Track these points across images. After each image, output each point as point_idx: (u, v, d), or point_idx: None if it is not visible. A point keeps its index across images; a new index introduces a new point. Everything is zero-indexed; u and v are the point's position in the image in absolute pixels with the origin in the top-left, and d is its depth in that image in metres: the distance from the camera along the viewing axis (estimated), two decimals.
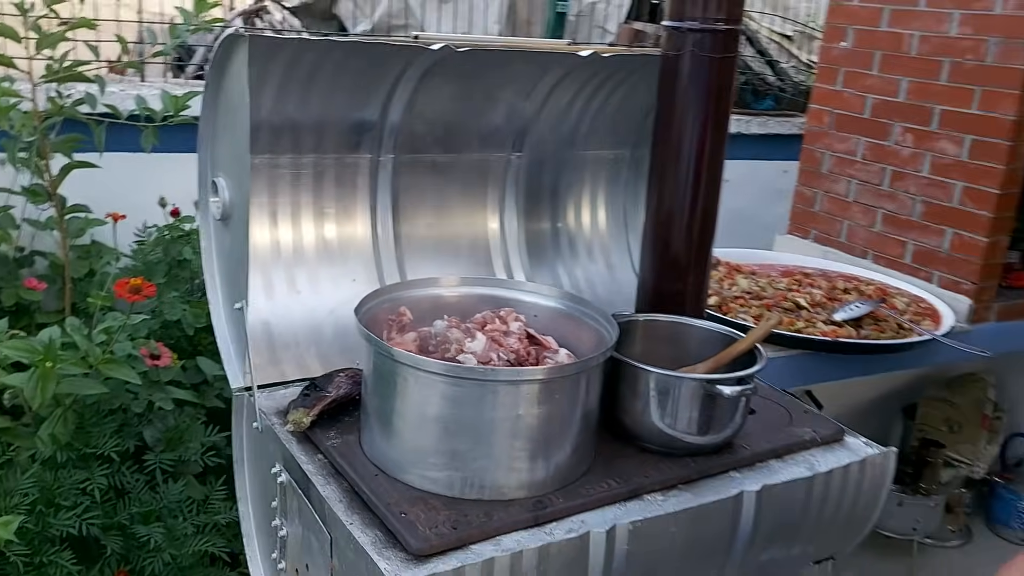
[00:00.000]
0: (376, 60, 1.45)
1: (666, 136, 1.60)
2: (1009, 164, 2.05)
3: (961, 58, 2.10)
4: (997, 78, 2.03)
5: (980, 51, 2.06)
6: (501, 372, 1.20)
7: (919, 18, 2.18)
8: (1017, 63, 1.99)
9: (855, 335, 1.93)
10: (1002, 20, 2.01)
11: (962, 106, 2.11)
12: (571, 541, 1.17)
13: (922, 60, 2.18)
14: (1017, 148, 2.04)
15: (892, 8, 2.23)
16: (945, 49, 2.13)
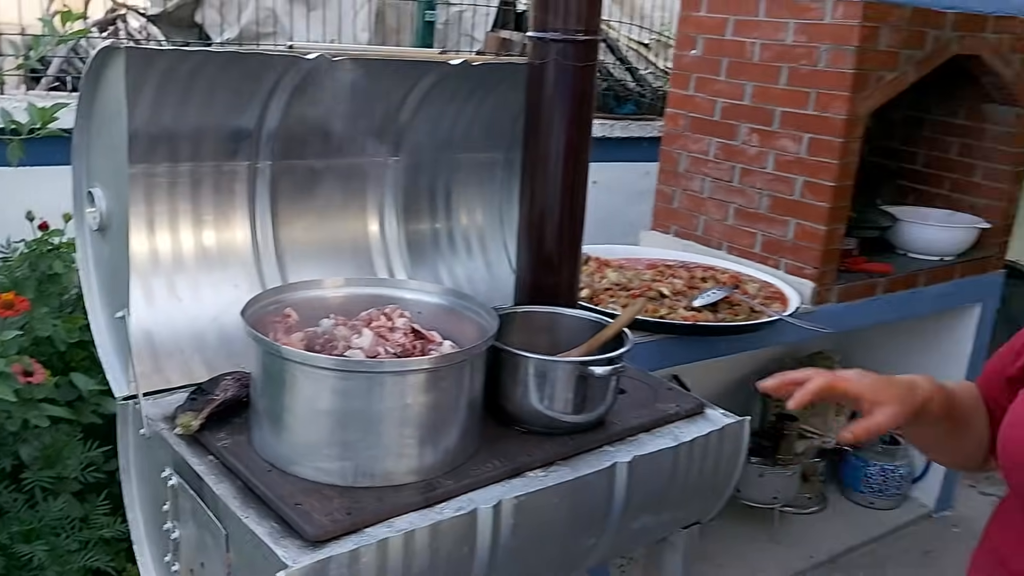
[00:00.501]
0: (251, 70, 1.49)
1: (535, 140, 1.71)
2: (842, 159, 2.27)
3: (797, 64, 2.31)
4: (828, 81, 2.25)
5: (813, 57, 2.28)
6: (387, 364, 1.27)
7: (759, 27, 2.38)
8: (845, 67, 2.21)
9: (712, 319, 2.10)
10: (831, 28, 2.23)
11: (799, 107, 2.32)
12: (460, 518, 1.25)
13: (763, 66, 2.39)
14: (848, 145, 2.27)
15: (736, 18, 2.43)
16: (783, 56, 2.34)
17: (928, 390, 1.11)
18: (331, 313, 1.43)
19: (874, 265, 2.57)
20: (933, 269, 2.68)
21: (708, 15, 2.49)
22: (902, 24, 2.24)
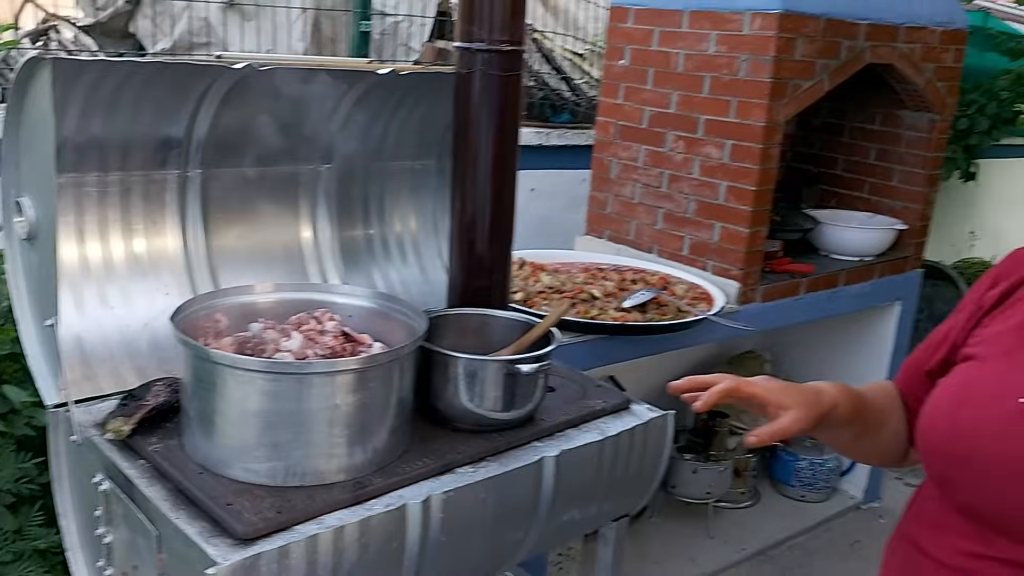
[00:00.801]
0: (179, 79, 1.51)
1: (464, 147, 1.76)
2: (762, 165, 2.36)
3: (718, 73, 2.40)
4: (748, 90, 2.35)
5: (733, 67, 2.37)
6: (316, 365, 1.30)
7: (683, 38, 2.47)
8: (763, 77, 2.31)
9: (641, 319, 2.18)
10: (749, 39, 2.33)
11: (722, 115, 2.41)
12: (389, 513, 1.28)
13: (687, 76, 2.48)
14: (767, 150, 2.37)
15: (660, 30, 2.52)
16: (705, 66, 2.43)
17: (834, 396, 1.16)
18: (261, 318, 1.46)
19: (797, 266, 2.68)
20: (853, 269, 2.80)
21: (635, 26, 2.58)
22: (817, 35, 2.35)
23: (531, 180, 3.77)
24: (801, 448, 3.19)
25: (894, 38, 2.56)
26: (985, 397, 1.03)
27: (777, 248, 2.73)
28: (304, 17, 3.37)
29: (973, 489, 1.01)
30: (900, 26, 2.57)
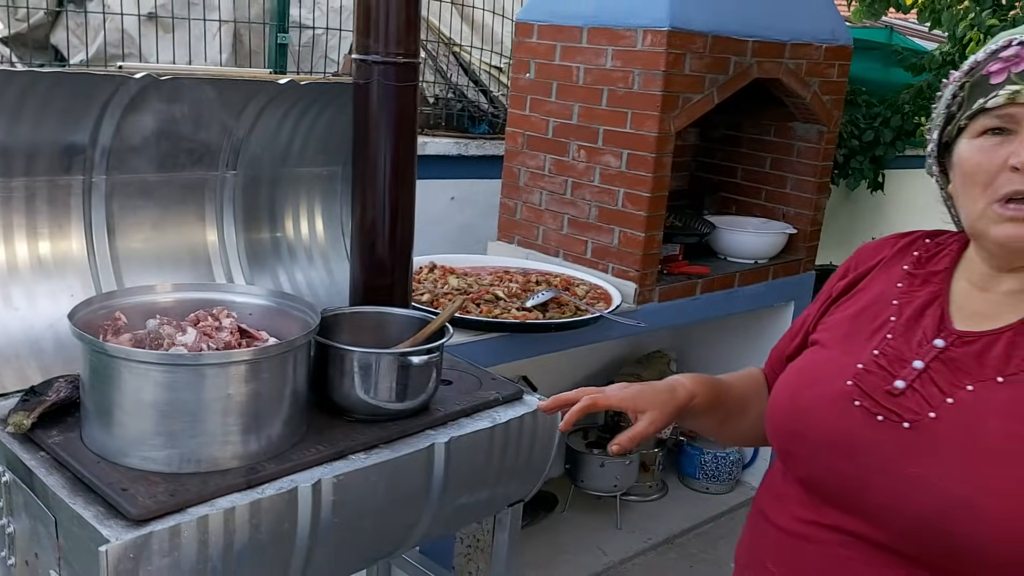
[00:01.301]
0: (82, 89, 1.57)
1: (363, 154, 1.85)
2: (656, 172, 2.51)
3: (615, 86, 2.55)
4: (641, 103, 2.49)
5: (628, 80, 2.52)
6: (208, 356, 1.38)
7: (582, 53, 2.61)
8: (655, 90, 2.46)
9: (541, 317, 2.30)
10: (642, 55, 2.48)
11: (619, 126, 2.55)
12: (280, 496, 1.37)
13: (587, 89, 2.62)
14: (660, 159, 2.52)
15: (562, 45, 2.65)
16: (603, 79, 2.57)
17: (690, 390, 1.26)
18: (159, 315, 1.53)
19: (693, 268, 2.84)
20: (748, 271, 2.98)
21: (539, 41, 2.71)
22: (704, 51, 2.51)
23: (451, 189, 3.89)
24: (705, 443, 3.35)
25: (780, 54, 2.74)
26: (820, 379, 1.14)
27: (677, 252, 2.88)
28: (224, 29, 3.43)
29: (807, 462, 1.12)
30: (786, 43, 2.75)
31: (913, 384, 1.05)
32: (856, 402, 1.07)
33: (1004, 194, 1.00)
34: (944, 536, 0.99)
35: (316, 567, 1.47)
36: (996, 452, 0.98)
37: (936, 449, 1.01)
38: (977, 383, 1.02)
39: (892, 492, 1.02)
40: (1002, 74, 1.01)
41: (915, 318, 1.11)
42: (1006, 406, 0.99)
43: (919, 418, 1.03)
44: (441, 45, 3.85)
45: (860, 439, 1.06)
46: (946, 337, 1.07)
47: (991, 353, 1.03)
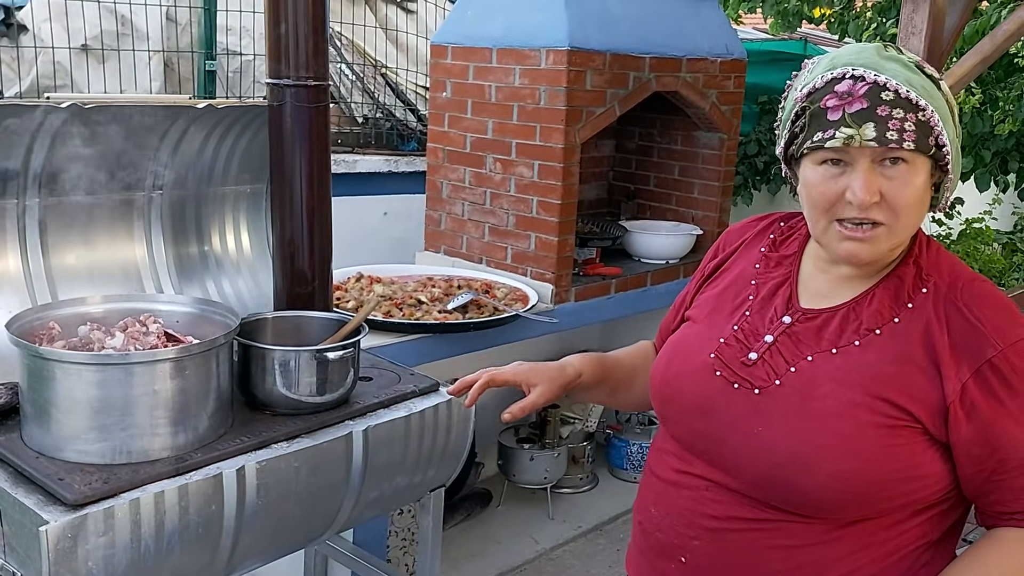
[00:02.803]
0: (12, 119, 1.70)
1: (280, 172, 2.00)
2: (565, 181, 2.71)
3: (524, 102, 2.74)
4: (548, 117, 2.69)
5: (535, 97, 2.71)
6: (136, 355, 1.51)
7: (493, 72, 2.80)
8: (559, 105, 2.66)
9: (461, 318, 2.46)
10: (546, 73, 2.67)
11: (529, 139, 2.74)
12: (207, 480, 1.51)
13: (499, 105, 2.80)
14: (568, 168, 2.71)
15: (475, 65, 2.84)
16: (513, 96, 2.76)
17: (577, 367, 1.45)
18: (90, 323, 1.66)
19: (606, 269, 3.03)
20: (659, 270, 3.18)
21: (453, 62, 2.89)
22: (604, 68, 2.72)
23: (384, 204, 4.04)
24: (632, 435, 3.53)
25: (677, 69, 2.96)
26: (689, 352, 1.31)
27: (594, 255, 3.07)
28: (155, 59, 3.55)
29: (678, 422, 1.30)
30: (682, 58, 2.97)
31: (764, 356, 1.21)
32: (717, 372, 1.24)
33: (841, 218, 1.13)
34: (782, 484, 1.15)
35: (245, 548, 1.60)
36: (823, 412, 1.14)
37: (778, 411, 1.17)
38: (815, 354, 1.18)
39: (743, 448, 1.19)
40: (837, 111, 1.10)
41: (768, 297, 1.27)
42: (836, 372, 1.15)
43: (767, 385, 1.19)
44: (369, 67, 4.01)
45: (719, 403, 1.22)
46: (793, 314, 1.23)
47: (828, 328, 1.19)
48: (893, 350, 1.14)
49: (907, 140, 1.09)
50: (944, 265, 1.19)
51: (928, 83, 1.12)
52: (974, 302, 1.14)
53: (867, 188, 1.10)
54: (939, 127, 1.11)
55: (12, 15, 3.56)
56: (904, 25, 2.39)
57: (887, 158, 1.10)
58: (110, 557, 1.40)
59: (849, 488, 1.12)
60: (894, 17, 5.64)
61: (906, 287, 1.17)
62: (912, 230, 1.17)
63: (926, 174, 1.13)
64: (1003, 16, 4.45)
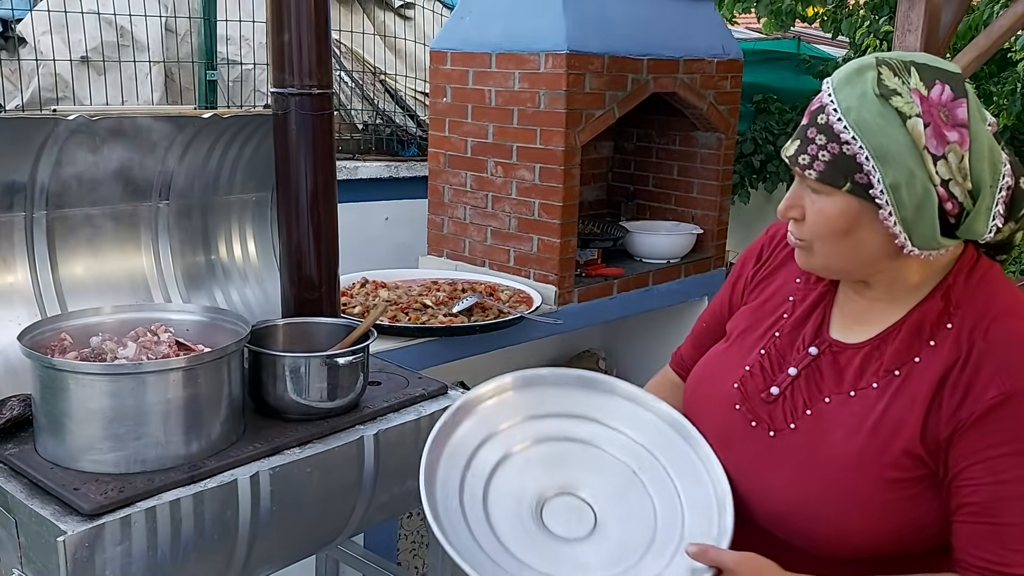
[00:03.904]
0: (18, 132, 1.71)
1: (286, 180, 2.01)
2: (566, 183, 2.72)
3: (524, 106, 2.76)
4: (548, 120, 2.70)
5: (535, 100, 2.73)
6: (149, 365, 1.53)
7: (493, 77, 2.81)
8: (559, 108, 2.68)
9: (466, 322, 2.48)
10: (545, 76, 2.69)
11: (530, 143, 2.76)
12: (222, 487, 1.52)
13: (499, 109, 2.82)
14: (569, 171, 2.73)
15: (474, 71, 2.86)
16: (513, 100, 2.78)
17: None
18: (102, 333, 1.68)
19: (608, 270, 3.05)
20: (661, 270, 3.20)
21: (452, 68, 2.91)
22: (602, 70, 2.74)
23: (385, 210, 4.06)
24: None
25: (675, 70, 2.98)
26: (716, 376, 1.29)
27: (595, 256, 3.09)
28: (155, 69, 3.57)
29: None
30: (679, 59, 2.99)
31: (785, 392, 1.18)
32: (737, 406, 1.23)
33: None
34: (790, 530, 1.16)
35: (259, 553, 1.62)
36: (830, 463, 1.11)
37: (790, 458, 1.16)
38: (834, 395, 1.14)
39: (754, 490, 1.19)
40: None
41: (802, 319, 1.23)
42: (850, 419, 1.11)
43: (782, 428, 1.17)
44: (368, 74, 4.03)
45: (736, 439, 1.22)
46: (820, 344, 1.19)
47: (851, 367, 1.14)
48: (909, 393, 1.08)
49: (814, 169, 1.05)
50: (980, 296, 1.09)
51: (886, 121, 1.01)
52: (1002, 339, 1.05)
53: (786, 200, 1.11)
54: (868, 164, 1.02)
55: (10, 28, 3.58)
56: (900, 22, 2.41)
57: (809, 184, 1.08)
58: (127, 566, 1.41)
59: (852, 542, 1.11)
60: (887, 15, 5.67)
61: (929, 323, 1.09)
62: (846, 262, 1.11)
63: (852, 215, 1.05)
64: (995, 12, 4.48)
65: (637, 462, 1.29)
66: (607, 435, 1.34)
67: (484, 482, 1.33)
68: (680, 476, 1.25)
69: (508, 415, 1.42)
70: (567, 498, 1.27)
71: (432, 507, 1.27)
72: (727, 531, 1.14)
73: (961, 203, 1.04)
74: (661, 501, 1.24)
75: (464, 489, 1.33)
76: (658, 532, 1.20)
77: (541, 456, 1.33)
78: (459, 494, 1.32)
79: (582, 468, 1.30)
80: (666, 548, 1.18)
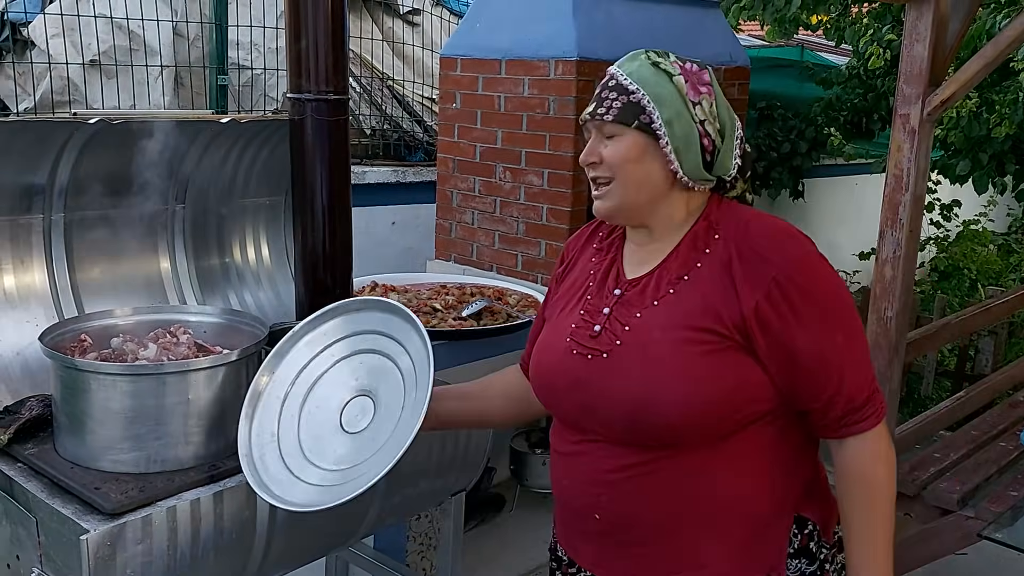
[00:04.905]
0: (39, 135, 1.74)
1: (301, 184, 2.03)
2: (574, 188, 2.74)
3: (533, 112, 2.78)
4: (557, 126, 2.73)
5: (545, 107, 2.75)
6: (170, 366, 1.55)
7: (502, 83, 2.84)
8: (568, 114, 2.70)
9: (475, 326, 2.49)
10: (555, 83, 2.72)
11: (539, 148, 2.78)
12: (241, 487, 1.53)
13: (509, 115, 2.85)
14: (578, 176, 2.75)
15: (483, 76, 2.88)
16: (522, 106, 2.80)
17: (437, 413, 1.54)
18: (122, 334, 1.69)
19: None
20: None
21: (462, 74, 2.93)
22: None
23: (392, 214, 4.09)
24: None
25: None
26: (550, 343, 1.48)
27: None
28: (166, 73, 3.59)
29: (558, 405, 1.46)
30: None
31: (605, 326, 1.40)
32: (574, 352, 1.41)
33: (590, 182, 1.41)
34: (644, 424, 1.32)
35: (276, 553, 1.63)
36: (658, 355, 1.33)
37: (625, 365, 1.35)
38: (642, 310, 1.38)
39: (608, 404, 1.36)
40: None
41: (603, 279, 1.46)
42: (661, 319, 1.35)
43: (611, 348, 1.37)
44: (376, 80, 4.06)
45: (582, 375, 1.39)
46: (622, 286, 1.43)
47: (649, 287, 1.39)
48: (700, 288, 1.34)
49: (609, 114, 1.35)
50: (731, 213, 1.39)
51: (659, 77, 1.35)
52: (757, 233, 1.35)
53: (587, 151, 1.39)
54: (649, 106, 1.33)
55: (20, 31, 3.60)
56: (908, 32, 2.44)
57: (604, 133, 1.37)
58: (148, 565, 1.43)
59: (695, 411, 1.30)
60: (890, 23, 5.69)
61: (701, 238, 1.38)
62: (640, 190, 1.37)
63: (640, 146, 1.35)
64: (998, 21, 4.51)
65: None
66: None
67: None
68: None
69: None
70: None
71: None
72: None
73: (714, 141, 1.36)
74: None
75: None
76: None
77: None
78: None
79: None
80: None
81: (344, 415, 1.56)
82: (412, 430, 1.44)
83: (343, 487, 1.45)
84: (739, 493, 1.36)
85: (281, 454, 1.53)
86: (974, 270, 7.52)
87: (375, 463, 1.45)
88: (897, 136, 2.49)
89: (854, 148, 5.79)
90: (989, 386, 3.65)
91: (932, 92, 2.44)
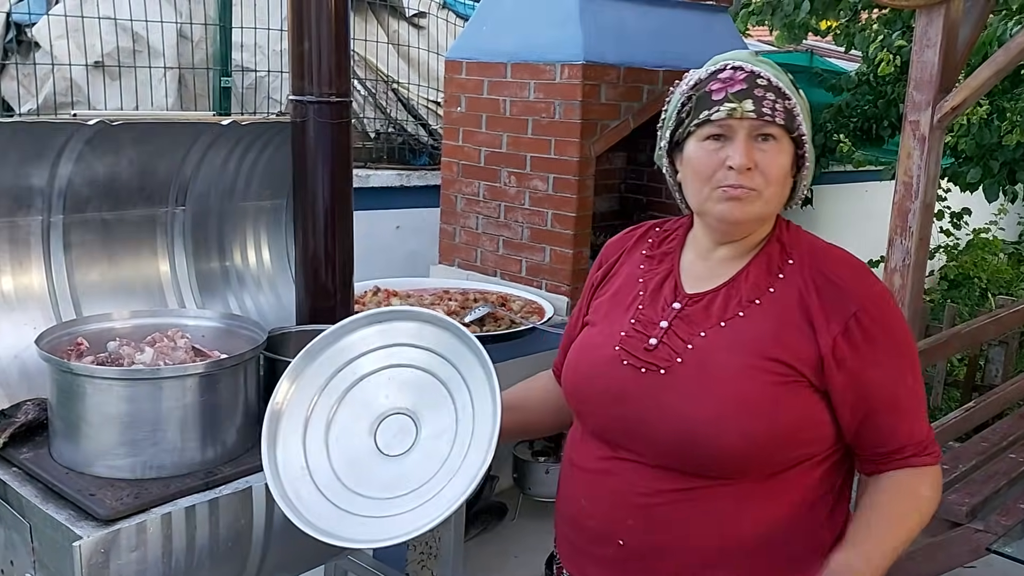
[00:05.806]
0: (39, 136, 1.72)
1: (303, 187, 2.01)
2: (579, 194, 2.72)
3: (538, 116, 2.76)
4: (563, 130, 2.70)
5: (550, 111, 2.73)
6: (166, 370, 1.52)
7: (508, 87, 2.82)
8: (574, 119, 2.68)
9: (478, 331, 2.47)
10: (561, 87, 2.69)
11: (544, 153, 2.76)
12: (237, 495, 1.52)
13: (514, 119, 2.82)
14: (583, 181, 2.73)
15: (489, 80, 2.86)
16: (528, 110, 2.78)
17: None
18: (118, 338, 1.67)
19: None
20: None
21: (467, 77, 2.91)
22: (618, 81, 2.74)
23: (396, 218, 4.06)
24: None
25: None
26: (594, 349, 1.40)
27: None
28: (169, 75, 3.58)
29: (594, 415, 1.37)
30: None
31: (662, 340, 1.32)
32: (624, 361, 1.33)
33: (722, 184, 1.28)
34: (697, 449, 1.25)
35: (272, 562, 1.61)
36: (723, 378, 1.26)
37: (685, 384, 1.28)
38: (707, 329, 1.30)
39: (659, 422, 1.28)
40: (721, 92, 1.27)
41: (657, 290, 1.38)
42: (727, 342, 1.28)
43: (670, 364, 1.30)
44: (380, 83, 4.04)
45: (631, 388, 1.31)
46: (681, 299, 1.35)
47: (714, 305, 1.32)
48: (773, 315, 1.28)
49: (778, 117, 1.26)
50: (803, 240, 1.35)
51: (792, 84, 1.30)
52: (835, 264, 1.31)
53: (746, 154, 1.25)
54: (799, 118, 1.27)
55: (24, 32, 3.59)
56: (919, 38, 2.41)
57: (760, 134, 1.26)
58: (142, 572, 1.40)
59: (756, 443, 1.24)
60: (900, 29, 5.66)
61: (775, 261, 1.32)
62: (778, 204, 1.31)
63: (790, 157, 1.28)
64: (1008, 27, 4.47)
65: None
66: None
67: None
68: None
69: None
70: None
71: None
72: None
73: (807, 158, 1.31)
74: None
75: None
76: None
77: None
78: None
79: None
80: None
81: (378, 437, 1.45)
82: (491, 440, 1.36)
83: (415, 513, 1.35)
84: (777, 532, 1.29)
85: (317, 487, 1.42)
86: (984, 279, 7.46)
87: (443, 484, 1.36)
88: (907, 143, 2.46)
89: (863, 155, 5.76)
90: (999, 397, 3.60)
91: (942, 99, 2.41)
